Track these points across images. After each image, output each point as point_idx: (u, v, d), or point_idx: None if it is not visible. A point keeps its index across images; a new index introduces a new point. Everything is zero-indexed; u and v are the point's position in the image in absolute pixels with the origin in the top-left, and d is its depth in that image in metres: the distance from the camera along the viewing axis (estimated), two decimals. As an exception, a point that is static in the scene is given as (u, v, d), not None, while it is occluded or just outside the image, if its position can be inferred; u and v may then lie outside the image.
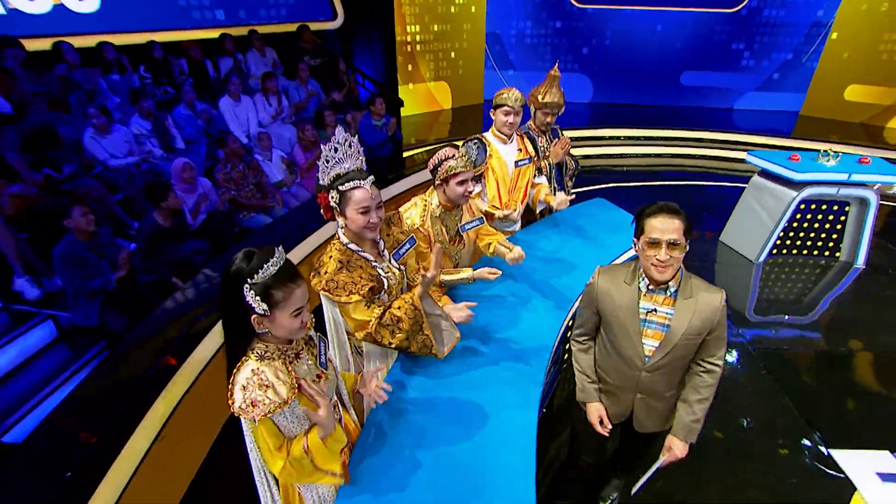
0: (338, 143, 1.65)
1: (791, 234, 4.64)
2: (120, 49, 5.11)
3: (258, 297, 1.24)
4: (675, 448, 1.82)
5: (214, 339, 2.82)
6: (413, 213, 2.25)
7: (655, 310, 1.71)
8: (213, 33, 6.06)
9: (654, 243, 1.61)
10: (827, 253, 4.71)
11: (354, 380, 1.75)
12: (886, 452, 2.72)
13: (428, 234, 2.24)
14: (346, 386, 1.71)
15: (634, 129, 7.92)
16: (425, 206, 2.26)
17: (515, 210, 2.97)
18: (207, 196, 4.29)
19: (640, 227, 1.67)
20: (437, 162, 2.19)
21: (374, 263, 1.84)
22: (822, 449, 2.74)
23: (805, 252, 4.72)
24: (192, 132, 5.01)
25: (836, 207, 4.52)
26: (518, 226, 3.18)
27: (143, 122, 4.61)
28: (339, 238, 1.79)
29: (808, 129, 8.02)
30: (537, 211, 3.30)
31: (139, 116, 4.60)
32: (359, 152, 1.71)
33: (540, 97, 3.08)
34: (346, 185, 1.66)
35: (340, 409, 1.64)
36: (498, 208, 2.95)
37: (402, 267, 1.98)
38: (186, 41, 5.67)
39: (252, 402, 1.24)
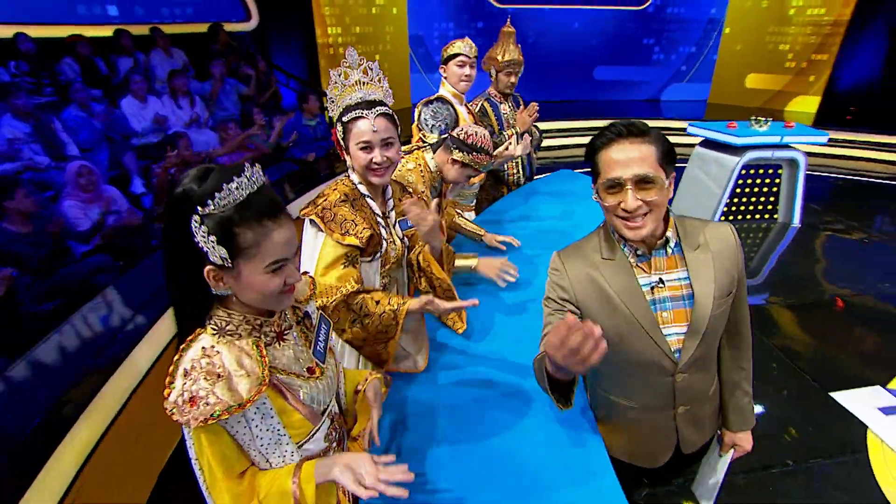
0: (348, 66, 1.36)
1: (735, 199, 4.79)
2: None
3: (213, 239, 0.80)
4: (742, 442, 1.39)
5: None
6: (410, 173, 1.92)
7: (662, 281, 1.15)
8: (106, 30, 5.32)
9: (615, 185, 1.07)
10: (767, 215, 4.92)
11: (364, 378, 1.22)
12: (878, 387, 2.71)
13: (417, 194, 1.88)
14: (347, 389, 1.20)
15: (565, 122, 8.06)
16: (421, 168, 1.95)
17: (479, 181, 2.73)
18: (110, 205, 3.60)
19: (595, 168, 1.13)
20: (470, 140, 1.89)
21: (378, 218, 1.51)
22: (826, 393, 2.68)
23: (749, 216, 4.89)
24: (89, 137, 4.27)
25: (770, 171, 4.74)
26: (473, 206, 2.89)
27: (18, 124, 3.82)
28: (348, 175, 1.52)
29: (716, 115, 8.58)
30: (505, 170, 3.05)
31: (13, 117, 3.81)
32: (380, 80, 1.42)
33: (499, 56, 2.85)
34: (349, 114, 1.38)
35: (343, 434, 1.15)
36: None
37: (405, 240, 1.62)
38: (72, 37, 4.90)
39: (190, 398, 0.80)
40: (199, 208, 0.78)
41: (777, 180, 4.79)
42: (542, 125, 3.14)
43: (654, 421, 1.27)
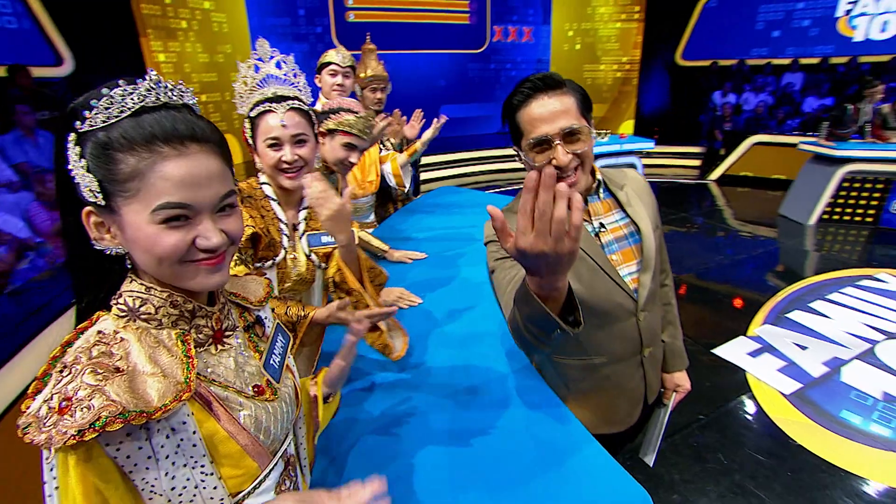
0: (258, 59, 1.22)
1: (592, 205, 5.37)
2: None
3: (83, 164, 0.57)
4: (683, 381, 1.42)
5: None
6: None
7: (603, 225, 1.15)
8: None
9: (543, 143, 1.03)
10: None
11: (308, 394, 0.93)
12: (741, 337, 3.15)
13: None
14: (304, 417, 0.89)
15: (429, 157, 8.35)
16: None
17: (371, 193, 2.63)
18: None
19: (516, 128, 1.09)
20: (332, 107, 1.69)
21: (282, 224, 1.30)
22: (709, 351, 3.03)
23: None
24: None
25: (615, 177, 5.44)
26: (372, 216, 2.79)
27: None
28: (257, 177, 1.35)
29: (557, 140, 9.75)
30: (401, 184, 2.96)
31: None
32: (294, 74, 1.27)
33: (362, 73, 2.84)
34: (257, 109, 1.23)
35: (298, 472, 0.82)
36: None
37: (312, 257, 1.38)
38: None
39: (62, 402, 0.51)
40: (77, 123, 0.56)
41: (621, 185, 5.51)
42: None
43: (625, 370, 1.24)
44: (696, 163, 8.31)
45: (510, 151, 1.20)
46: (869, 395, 2.59)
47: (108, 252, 0.61)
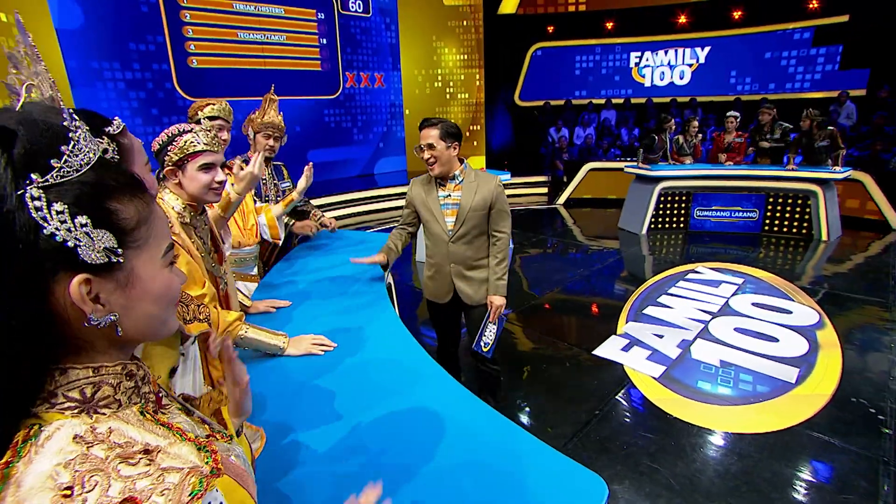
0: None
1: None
2: None
3: (84, 220, 0.47)
4: (495, 301, 2.27)
5: None
6: None
7: (449, 195, 2.23)
8: None
9: (419, 149, 2.16)
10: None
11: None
12: (613, 336, 3.59)
13: (187, 247, 1.45)
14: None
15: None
16: (166, 210, 1.52)
17: (254, 243, 2.52)
18: None
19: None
20: (163, 141, 1.50)
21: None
22: (591, 353, 3.38)
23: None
24: None
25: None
26: (256, 268, 2.65)
27: None
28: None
29: (420, 178, 10.20)
30: (276, 236, 2.82)
31: None
32: None
33: (257, 118, 2.74)
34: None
35: None
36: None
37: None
38: None
39: (125, 503, 0.42)
40: (34, 176, 0.45)
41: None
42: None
43: (441, 271, 2.34)
44: (544, 190, 9.37)
45: (373, 193, 2.31)
46: (711, 365, 3.14)
47: (95, 322, 0.49)
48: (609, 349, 3.40)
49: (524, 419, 2.75)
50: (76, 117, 0.50)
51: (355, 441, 1.19)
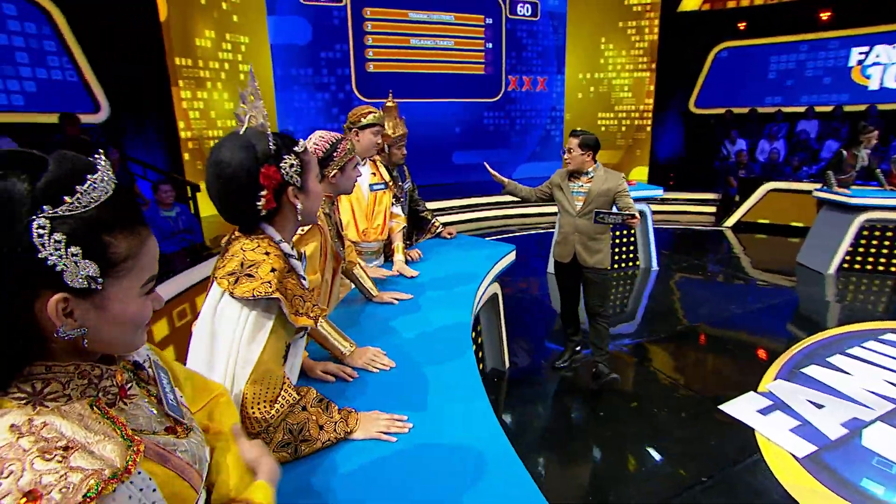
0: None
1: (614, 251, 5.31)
2: None
3: (76, 250, 0.54)
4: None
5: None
6: None
7: (581, 185, 2.95)
8: None
9: (564, 151, 2.97)
10: (631, 263, 5.50)
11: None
12: (751, 393, 2.98)
13: (323, 233, 1.70)
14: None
15: (447, 201, 8.45)
16: None
17: (376, 240, 2.66)
18: None
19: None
20: (324, 150, 1.71)
21: (304, 282, 1.20)
22: (716, 406, 2.87)
23: (618, 265, 5.41)
24: None
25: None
26: (380, 260, 2.83)
27: None
28: (265, 235, 1.11)
29: (571, 185, 9.80)
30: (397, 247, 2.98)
31: None
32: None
33: (391, 132, 2.90)
34: (300, 145, 1.12)
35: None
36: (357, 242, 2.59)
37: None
38: None
39: (28, 494, 0.47)
40: (48, 207, 0.53)
41: (632, 231, 5.44)
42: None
43: (567, 239, 3.04)
44: (712, 209, 8.21)
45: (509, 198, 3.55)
46: (891, 462, 2.40)
47: (63, 334, 0.57)
48: (742, 407, 2.84)
49: (614, 462, 2.46)
50: (101, 163, 0.60)
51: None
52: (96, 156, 0.60)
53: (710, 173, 8.49)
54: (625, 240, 5.44)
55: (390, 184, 2.83)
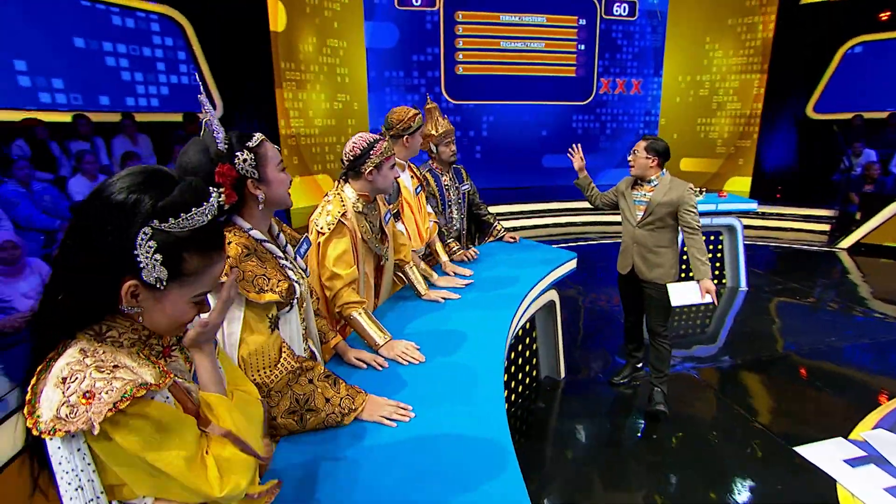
0: None
1: (682, 266, 4.93)
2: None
3: (158, 258, 0.73)
4: (708, 285, 2.63)
5: None
6: (331, 210, 1.84)
7: (644, 193, 2.79)
8: (65, 116, 5.40)
9: (631, 153, 2.82)
10: (715, 281, 5.06)
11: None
12: (840, 439, 2.63)
13: (354, 230, 1.83)
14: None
15: (517, 205, 8.37)
16: (342, 200, 1.88)
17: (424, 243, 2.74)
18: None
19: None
20: (362, 148, 1.84)
21: (282, 262, 1.35)
22: (790, 448, 2.57)
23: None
24: (26, 213, 4.12)
25: (711, 237, 4.97)
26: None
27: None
28: (235, 226, 1.28)
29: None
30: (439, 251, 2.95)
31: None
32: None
33: (434, 131, 2.95)
34: (254, 139, 1.24)
35: None
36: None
37: (306, 269, 1.52)
38: (26, 120, 4.93)
39: (85, 394, 0.68)
40: (156, 221, 0.72)
41: (720, 246, 5.01)
42: (498, 209, 3.34)
43: (627, 249, 2.93)
44: (824, 227, 7.28)
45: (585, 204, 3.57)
46: None
47: (124, 310, 0.77)
48: (824, 454, 2.51)
49: (657, 497, 2.31)
50: (211, 197, 0.79)
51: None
52: (213, 189, 0.80)
53: (827, 187, 7.53)
54: (709, 250, 5.00)
55: (423, 185, 2.86)
